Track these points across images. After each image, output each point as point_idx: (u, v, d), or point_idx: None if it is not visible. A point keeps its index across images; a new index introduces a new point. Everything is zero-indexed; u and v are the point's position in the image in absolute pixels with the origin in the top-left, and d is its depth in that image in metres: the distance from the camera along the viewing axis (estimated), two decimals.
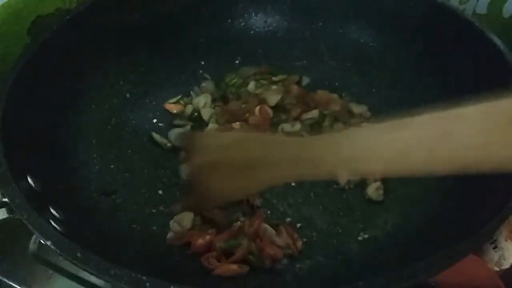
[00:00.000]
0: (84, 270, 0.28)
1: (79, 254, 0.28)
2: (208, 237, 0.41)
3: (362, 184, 0.46)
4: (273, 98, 0.55)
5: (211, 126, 0.53)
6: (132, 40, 0.56)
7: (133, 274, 0.27)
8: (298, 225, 0.44)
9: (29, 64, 0.44)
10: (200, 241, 0.41)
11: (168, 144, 0.51)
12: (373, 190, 0.45)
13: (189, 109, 0.55)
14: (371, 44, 0.58)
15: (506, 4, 0.58)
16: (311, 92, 0.56)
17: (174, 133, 0.52)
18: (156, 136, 0.52)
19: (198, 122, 0.54)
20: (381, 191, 0.45)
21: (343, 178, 0.46)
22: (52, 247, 0.29)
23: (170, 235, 0.43)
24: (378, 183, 0.46)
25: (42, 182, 0.38)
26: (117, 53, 0.55)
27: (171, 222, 0.44)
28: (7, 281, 0.46)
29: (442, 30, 0.51)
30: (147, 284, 0.27)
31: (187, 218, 0.44)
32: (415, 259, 0.30)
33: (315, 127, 0.52)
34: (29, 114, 0.42)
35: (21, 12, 0.50)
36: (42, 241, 0.31)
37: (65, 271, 0.45)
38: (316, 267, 0.40)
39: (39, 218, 0.31)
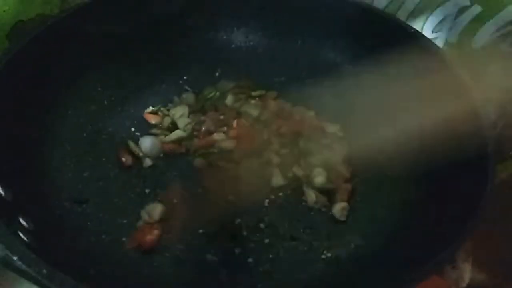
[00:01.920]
0: (49, 286, 0.29)
1: (44, 271, 0.29)
2: (156, 232, 0.44)
3: (329, 202, 0.48)
4: (253, 112, 0.57)
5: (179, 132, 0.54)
6: (113, 47, 0.56)
7: None
8: (266, 240, 0.45)
9: (5, 68, 0.44)
10: (149, 237, 0.43)
11: (141, 154, 0.52)
12: (339, 209, 0.47)
13: (167, 120, 0.56)
14: (346, 65, 0.60)
15: (476, 36, 0.61)
16: (288, 108, 0.58)
17: (144, 141, 0.52)
18: (131, 144, 0.52)
19: None
20: (345, 212, 0.47)
21: (311, 197, 0.48)
22: (18, 262, 0.29)
23: (139, 223, 0.45)
24: (344, 204, 0.47)
25: (13, 190, 0.38)
26: (97, 60, 0.55)
27: (142, 212, 0.46)
28: None
29: (416, 59, 0.53)
30: None
31: (157, 210, 0.45)
32: (376, 281, 0.32)
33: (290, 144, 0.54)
34: (1, 119, 0.42)
35: (1, 16, 0.49)
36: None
37: (34, 277, 0.45)
38: (279, 285, 0.41)
39: (7, 231, 0.31)
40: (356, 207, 0.48)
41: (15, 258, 0.30)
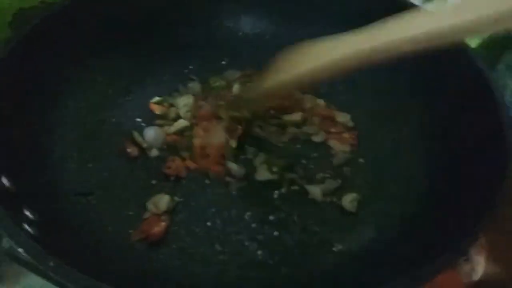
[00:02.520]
0: (55, 279, 0.28)
1: (51, 264, 0.28)
2: (163, 223, 0.43)
3: (338, 195, 0.47)
4: None
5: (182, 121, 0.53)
6: (116, 36, 0.55)
7: (103, 286, 0.27)
8: (276, 233, 0.44)
9: (8, 57, 0.43)
10: (156, 229, 0.42)
11: (145, 145, 0.51)
12: (348, 201, 0.46)
13: (172, 111, 0.55)
14: None
15: None
16: (298, 96, 0.56)
17: (148, 132, 0.51)
18: (136, 135, 0.51)
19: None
20: (355, 203, 0.46)
21: (317, 193, 0.47)
22: (25, 254, 0.29)
23: (145, 215, 0.44)
24: (354, 195, 0.46)
25: (17, 182, 0.37)
26: (100, 49, 0.54)
27: (147, 203, 0.45)
28: None
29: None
30: None
31: (163, 201, 0.45)
32: (389, 275, 0.31)
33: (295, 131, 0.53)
34: (4, 110, 0.41)
35: (3, 4, 0.48)
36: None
37: (38, 269, 0.45)
38: (290, 278, 0.40)
39: (12, 222, 0.30)
40: (369, 199, 0.46)
41: (20, 250, 0.29)
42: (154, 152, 0.50)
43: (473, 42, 0.58)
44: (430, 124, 0.48)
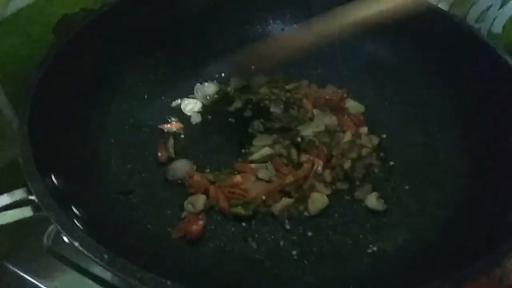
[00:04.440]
0: (110, 272, 0.29)
1: (105, 256, 0.29)
2: (201, 222, 0.44)
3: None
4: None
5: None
6: (152, 41, 0.57)
7: (159, 278, 0.28)
8: (309, 233, 0.45)
9: (54, 63, 0.45)
10: (195, 227, 0.44)
11: (173, 155, 0.51)
12: (372, 200, 0.46)
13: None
14: (387, 57, 0.59)
15: None
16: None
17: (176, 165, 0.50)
18: (170, 143, 0.52)
19: None
20: (381, 200, 0.46)
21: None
22: (80, 248, 0.30)
23: (183, 214, 0.45)
24: (374, 193, 0.47)
25: (65, 181, 0.39)
26: (137, 54, 0.56)
27: (185, 203, 0.46)
28: (21, 273, 0.47)
29: (458, 49, 0.52)
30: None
31: (200, 200, 0.46)
32: (424, 278, 0.31)
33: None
34: (54, 114, 0.43)
35: (47, 11, 0.50)
36: (67, 240, 0.32)
37: (78, 266, 0.47)
38: (326, 278, 0.41)
39: (66, 217, 0.32)
40: (403, 201, 0.47)
41: (76, 243, 0.30)
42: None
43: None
44: (464, 124, 0.49)
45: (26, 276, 0.48)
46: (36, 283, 0.48)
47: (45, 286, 0.48)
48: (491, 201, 0.40)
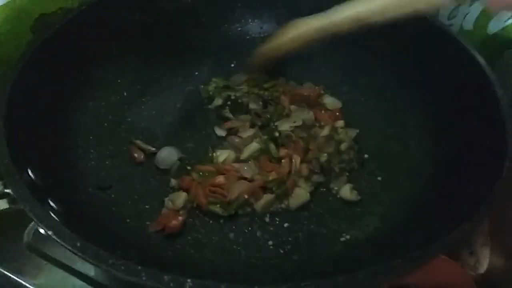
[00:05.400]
0: (83, 259, 0.30)
1: (78, 244, 0.30)
2: (180, 218, 0.45)
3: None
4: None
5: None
6: (130, 40, 0.58)
7: (130, 264, 0.29)
8: (286, 224, 0.46)
9: (32, 60, 0.46)
10: (174, 222, 0.44)
11: (152, 149, 0.52)
12: (346, 191, 0.48)
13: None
14: (361, 56, 0.60)
15: (491, 22, 0.61)
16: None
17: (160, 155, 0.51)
18: (138, 142, 0.52)
19: None
20: (355, 191, 0.47)
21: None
22: (54, 237, 0.31)
23: (163, 210, 0.46)
24: (349, 185, 0.48)
25: (42, 175, 0.40)
26: (116, 52, 0.57)
27: (166, 200, 0.47)
28: (1, 270, 0.47)
29: (428, 46, 0.54)
30: (143, 273, 0.28)
31: (180, 198, 0.46)
32: (394, 262, 0.32)
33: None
34: (31, 109, 0.44)
35: (25, 10, 0.51)
36: (42, 231, 0.32)
37: (58, 261, 0.47)
38: (301, 266, 0.42)
39: (41, 208, 0.33)
40: (375, 191, 0.48)
41: (50, 232, 0.31)
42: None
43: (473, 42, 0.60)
44: (433, 118, 0.50)
45: (9, 274, 0.48)
46: (19, 281, 0.48)
47: (28, 284, 0.48)
48: (456, 187, 0.41)
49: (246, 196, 0.46)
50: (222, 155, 0.50)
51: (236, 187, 0.47)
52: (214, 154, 0.51)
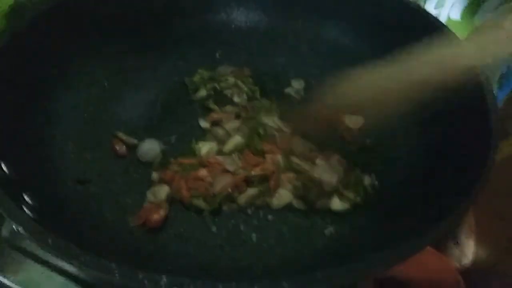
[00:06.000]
0: (55, 256, 0.29)
1: (49, 240, 0.29)
2: (162, 212, 0.44)
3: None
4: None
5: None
6: (112, 29, 0.56)
7: (102, 260, 0.28)
8: (270, 217, 0.45)
9: (4, 48, 0.44)
10: (156, 216, 0.43)
11: (135, 141, 0.51)
12: (338, 204, 0.46)
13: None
14: (348, 44, 0.59)
15: (478, 13, 0.61)
16: None
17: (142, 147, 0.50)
18: (120, 134, 0.51)
19: None
20: (345, 202, 0.46)
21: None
22: (23, 232, 0.30)
23: (145, 204, 0.45)
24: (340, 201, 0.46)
25: (16, 169, 0.38)
26: (96, 42, 0.55)
27: (147, 193, 0.45)
28: None
29: (417, 36, 0.53)
30: (116, 271, 0.27)
31: (162, 191, 0.45)
32: (377, 255, 0.32)
33: None
34: (4, 99, 0.42)
35: None
36: (14, 226, 0.31)
37: (37, 256, 0.46)
38: (284, 260, 0.41)
39: (11, 203, 0.31)
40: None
41: (20, 229, 0.30)
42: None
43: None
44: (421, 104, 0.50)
45: None
46: None
47: (8, 281, 0.47)
48: (443, 176, 0.41)
49: (229, 190, 0.45)
50: (205, 147, 0.49)
51: (220, 180, 0.46)
52: (196, 146, 0.49)
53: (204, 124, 0.54)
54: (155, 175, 0.48)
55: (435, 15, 0.58)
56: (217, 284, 0.27)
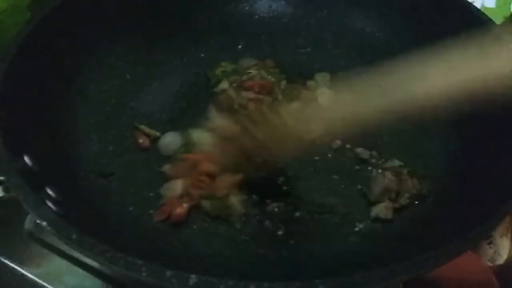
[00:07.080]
0: (80, 252, 0.28)
1: (74, 236, 0.28)
2: (185, 205, 0.42)
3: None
4: None
5: None
6: (134, 20, 0.55)
7: (129, 258, 0.27)
8: (297, 214, 0.44)
9: (29, 40, 0.43)
10: (179, 210, 0.42)
11: (158, 134, 0.50)
12: (382, 209, 0.43)
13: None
14: (376, 34, 0.57)
15: None
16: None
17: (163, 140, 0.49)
18: (143, 127, 0.50)
19: None
20: (390, 210, 0.43)
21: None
22: (48, 227, 0.29)
23: (161, 201, 0.43)
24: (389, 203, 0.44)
25: (39, 162, 0.38)
26: (118, 33, 0.54)
27: (162, 189, 0.44)
28: (2, 259, 0.46)
29: (450, 24, 0.50)
30: (143, 268, 0.26)
31: (177, 185, 0.44)
32: (411, 254, 0.30)
33: None
34: (27, 92, 0.42)
35: None
36: (38, 221, 0.30)
37: (60, 250, 0.45)
38: (312, 258, 0.40)
39: (35, 198, 0.31)
40: None
41: (44, 224, 0.29)
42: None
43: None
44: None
45: (9, 263, 0.47)
46: (20, 270, 0.47)
47: (29, 274, 0.47)
48: (479, 174, 0.39)
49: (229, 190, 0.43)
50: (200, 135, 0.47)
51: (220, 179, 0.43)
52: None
53: None
54: (167, 168, 0.46)
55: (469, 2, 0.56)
56: (248, 284, 0.25)
